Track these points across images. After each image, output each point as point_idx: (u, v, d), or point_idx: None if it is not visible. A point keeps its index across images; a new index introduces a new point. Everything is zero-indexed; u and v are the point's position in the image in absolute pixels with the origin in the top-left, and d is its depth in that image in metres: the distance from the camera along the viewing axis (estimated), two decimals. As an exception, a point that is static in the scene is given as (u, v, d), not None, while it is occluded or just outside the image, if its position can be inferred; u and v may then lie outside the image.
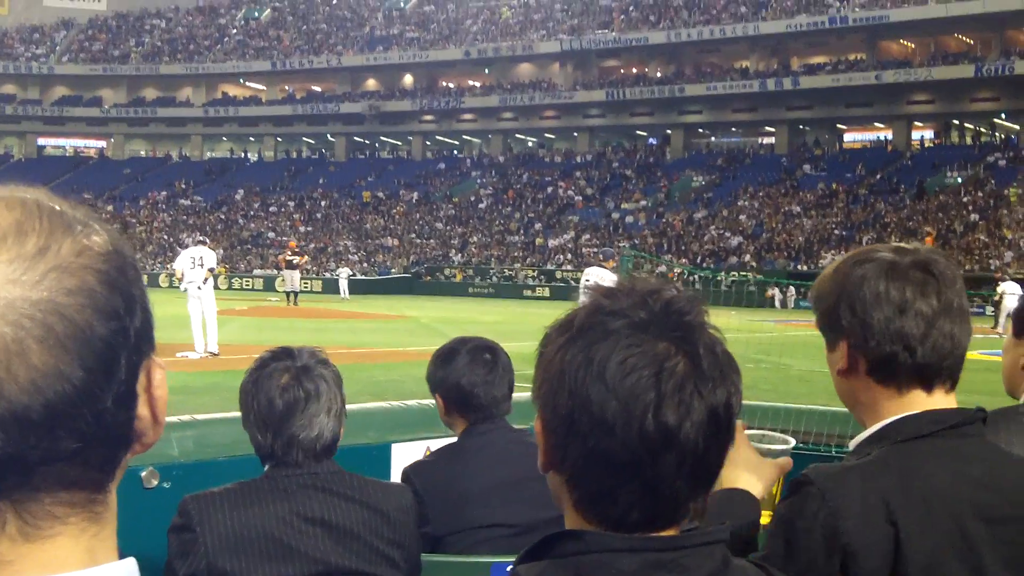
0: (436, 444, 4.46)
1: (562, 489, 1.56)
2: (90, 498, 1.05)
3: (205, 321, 22.52)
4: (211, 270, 23.35)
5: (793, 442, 2.54)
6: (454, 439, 4.17)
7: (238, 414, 3.50)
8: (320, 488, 3.33)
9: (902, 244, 2.35)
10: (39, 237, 1.02)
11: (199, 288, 22.60)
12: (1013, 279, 44.47)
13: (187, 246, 31.51)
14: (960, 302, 2.23)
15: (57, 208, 1.05)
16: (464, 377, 4.03)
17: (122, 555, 1.08)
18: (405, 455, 5.25)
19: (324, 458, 3.37)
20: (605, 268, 20.77)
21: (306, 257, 61.02)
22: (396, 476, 4.65)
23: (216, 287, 24.43)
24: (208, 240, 26.92)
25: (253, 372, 3.42)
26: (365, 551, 3.35)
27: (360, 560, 3.33)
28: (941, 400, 2.23)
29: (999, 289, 41.25)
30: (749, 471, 2.46)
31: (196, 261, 23.07)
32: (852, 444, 2.32)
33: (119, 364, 1.03)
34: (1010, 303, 38.59)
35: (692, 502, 1.54)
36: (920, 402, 2.22)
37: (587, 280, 20.16)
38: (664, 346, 1.48)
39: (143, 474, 4.45)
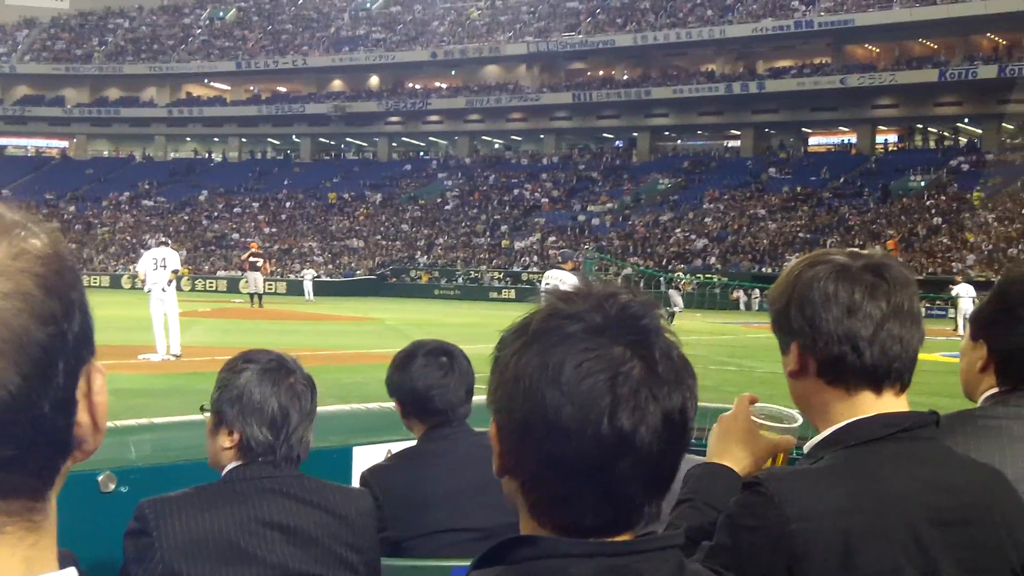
0: (397, 447, 4.44)
1: (517, 494, 1.54)
2: (28, 506, 1.02)
3: (167, 323, 22.38)
4: (175, 272, 23.20)
5: (801, 420, 2.54)
6: (414, 442, 4.16)
7: (198, 417, 3.47)
8: (279, 492, 3.31)
9: (857, 249, 2.35)
10: None
11: (163, 290, 22.46)
12: (967, 281, 44.85)
13: (150, 247, 31.28)
14: (911, 306, 2.23)
15: None
16: (420, 381, 4.02)
17: (77, 561, 1.06)
18: (366, 458, 5.22)
19: (292, 468, 3.38)
20: (564, 270, 20.79)
21: (269, 267, 60.73)
22: (357, 479, 4.64)
23: (179, 289, 24.28)
24: (171, 241, 26.69)
25: (263, 373, 3.41)
26: (324, 555, 3.32)
27: (319, 565, 3.30)
28: (891, 402, 2.23)
29: (953, 292, 41.62)
30: (741, 446, 2.49)
31: (159, 262, 22.89)
32: (806, 447, 2.32)
33: (57, 369, 1.00)
34: (965, 305, 38.94)
35: (647, 507, 1.52)
36: (869, 404, 2.21)
37: (547, 283, 20.14)
38: (620, 350, 1.46)
39: (100, 478, 4.40)
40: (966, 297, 39.26)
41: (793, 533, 2.03)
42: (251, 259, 50.75)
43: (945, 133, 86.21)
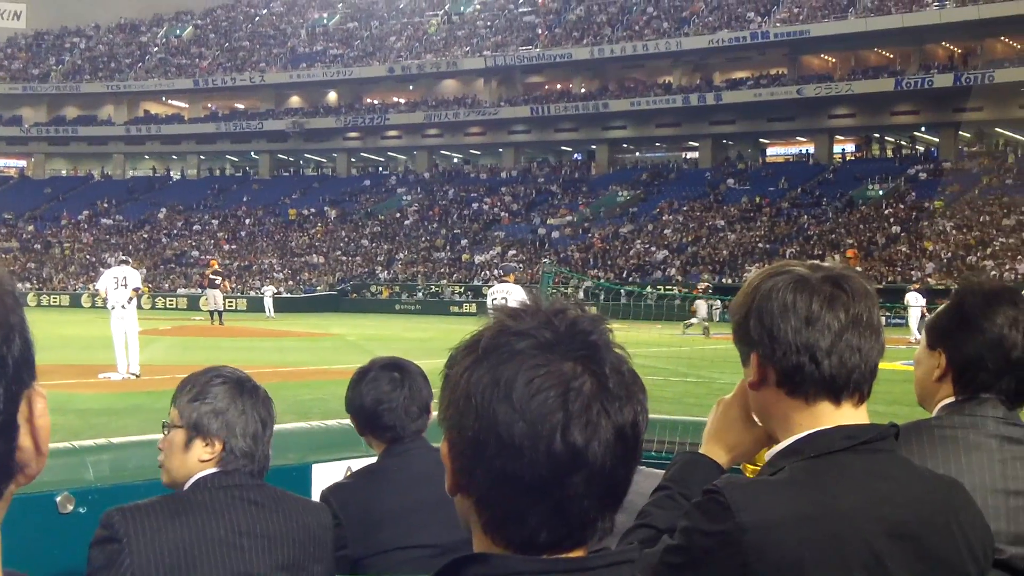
0: (357, 464, 4.43)
1: (470, 512, 1.53)
2: None
3: (127, 341, 22.27)
4: (136, 290, 23.12)
5: None
6: (374, 459, 4.15)
7: (157, 436, 3.47)
8: (248, 500, 3.34)
9: (817, 262, 2.36)
10: None
11: (123, 308, 22.36)
12: (920, 290, 45.21)
13: (110, 266, 31.13)
14: (870, 317, 2.23)
15: None
16: (368, 396, 4.03)
17: None
18: (326, 475, 5.21)
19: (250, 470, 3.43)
20: (508, 282, 20.86)
21: (228, 285, 60.58)
22: (317, 497, 4.62)
23: (139, 307, 24.17)
24: (131, 259, 26.60)
25: (234, 385, 3.47)
26: (289, 564, 3.34)
27: (285, 573, 3.33)
28: (850, 414, 2.23)
29: (905, 300, 41.93)
30: (735, 433, 2.48)
31: (119, 281, 22.80)
32: (767, 456, 2.32)
33: None
34: (914, 314, 39.22)
35: (600, 522, 1.51)
36: (828, 415, 2.22)
37: (493, 298, 20.23)
38: (570, 366, 1.46)
39: (58, 499, 4.38)
40: (915, 306, 39.50)
41: (747, 542, 2.03)
42: (211, 276, 50.66)
43: (902, 142, 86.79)
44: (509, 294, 20.10)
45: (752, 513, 2.05)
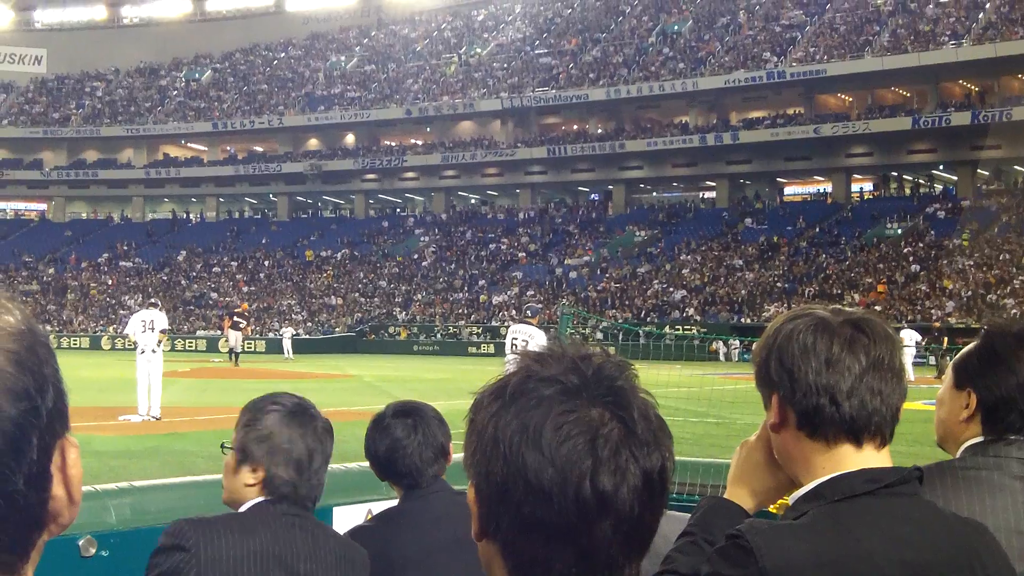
0: (378, 507, 4.43)
1: (495, 558, 1.52)
2: None
3: (151, 385, 22.31)
4: (164, 331, 23.25)
5: None
6: (395, 502, 4.15)
7: (177, 479, 3.50)
8: (300, 528, 3.42)
9: (839, 306, 2.37)
10: None
11: (153, 352, 22.47)
12: (911, 327, 45.06)
13: (132, 309, 31.27)
14: (891, 361, 2.23)
15: None
16: (382, 444, 4.04)
17: None
18: (347, 518, 5.20)
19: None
20: (531, 324, 20.84)
21: (249, 329, 60.83)
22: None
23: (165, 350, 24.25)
24: (158, 302, 26.63)
25: (295, 417, 3.55)
26: None
27: None
28: (872, 457, 2.23)
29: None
30: (759, 476, 2.47)
31: (147, 324, 22.91)
32: (791, 500, 2.32)
33: (30, 445, 0.99)
34: (908, 353, 39.05)
35: (627, 568, 1.50)
36: (850, 458, 2.22)
37: (514, 338, 20.20)
38: (598, 412, 1.46)
39: (80, 543, 4.38)
40: (908, 346, 39.33)
41: None
42: (235, 319, 50.94)
43: (920, 180, 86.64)
44: (531, 337, 20.19)
45: (775, 558, 2.06)
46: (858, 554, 2.08)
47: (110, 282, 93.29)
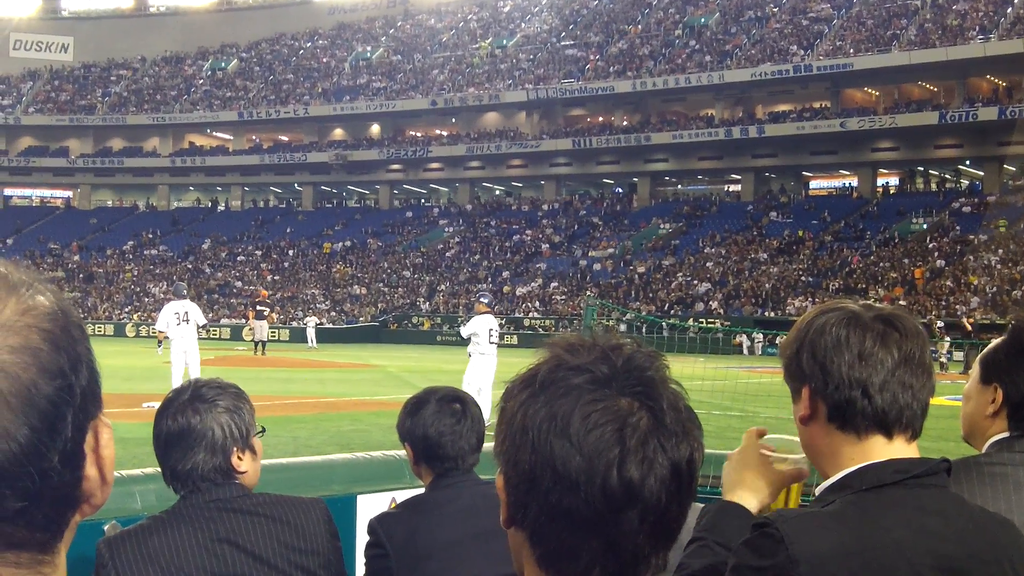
0: (402, 496, 4.43)
1: (523, 546, 1.53)
2: (37, 559, 1.03)
3: (187, 373, 22.40)
4: (202, 326, 23.47)
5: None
6: (421, 491, 4.15)
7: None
8: (227, 509, 3.45)
9: (869, 301, 2.39)
10: None
11: (189, 342, 22.73)
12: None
13: (161, 299, 31.43)
14: (921, 356, 2.25)
15: (1, 270, 1.04)
16: (431, 427, 4.02)
17: None
18: (371, 507, 5.22)
19: (225, 481, 3.50)
20: (490, 314, 21.21)
21: (274, 317, 61.01)
22: (362, 528, 4.62)
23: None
24: (185, 290, 26.66)
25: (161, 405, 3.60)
26: (277, 562, 3.47)
27: (273, 572, 3.45)
28: (902, 449, 2.24)
29: None
30: (753, 481, 2.52)
31: (181, 316, 23.01)
32: (817, 491, 2.33)
33: (65, 422, 1.02)
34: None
35: (654, 558, 1.51)
36: (880, 449, 2.23)
37: (491, 328, 20.66)
38: (627, 402, 1.47)
39: (106, 527, 4.42)
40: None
41: (800, 575, 2.05)
42: (258, 308, 51.06)
43: (946, 176, 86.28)
44: (495, 326, 20.95)
45: (804, 546, 2.07)
46: (886, 543, 2.09)
47: (137, 272, 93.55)
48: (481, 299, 22.01)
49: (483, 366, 20.45)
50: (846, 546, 2.08)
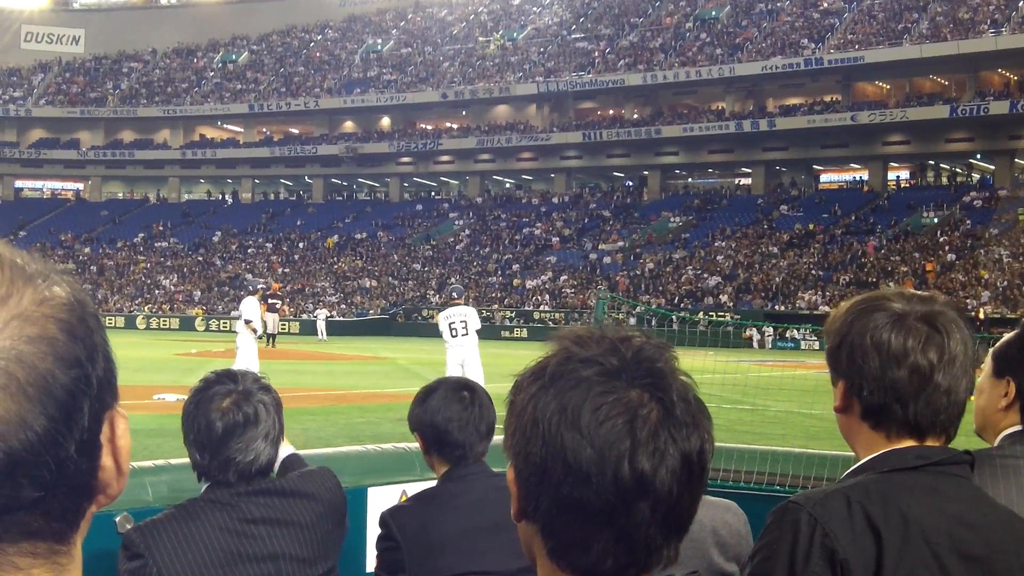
0: (412, 488, 4.44)
1: (535, 538, 1.53)
2: (53, 549, 1.04)
3: (248, 361, 22.65)
4: (247, 322, 23.64)
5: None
6: (433, 483, 4.15)
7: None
8: (256, 493, 3.51)
9: (915, 292, 2.39)
10: (0, 287, 1.02)
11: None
12: None
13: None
14: (964, 356, 2.26)
15: (18, 260, 1.05)
16: (439, 414, 4.02)
17: None
18: (381, 499, 5.22)
19: (257, 479, 3.53)
20: (459, 304, 21.24)
21: (286, 309, 61.04)
22: (373, 520, 4.62)
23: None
24: (252, 286, 26.86)
25: (196, 394, 3.59)
26: (312, 538, 3.55)
27: (309, 547, 3.54)
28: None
29: None
30: None
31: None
32: (843, 476, 2.36)
33: (82, 412, 1.02)
34: None
35: (665, 549, 1.51)
36: (909, 444, 2.28)
37: (451, 322, 20.78)
38: (637, 393, 1.47)
39: (117, 519, 4.42)
40: None
41: (843, 547, 2.10)
42: (270, 300, 51.24)
43: (957, 169, 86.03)
44: (467, 316, 20.95)
45: (834, 518, 2.14)
46: (906, 519, 2.14)
47: (148, 264, 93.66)
48: (452, 294, 22.10)
49: (449, 357, 20.70)
50: (869, 515, 2.13)
